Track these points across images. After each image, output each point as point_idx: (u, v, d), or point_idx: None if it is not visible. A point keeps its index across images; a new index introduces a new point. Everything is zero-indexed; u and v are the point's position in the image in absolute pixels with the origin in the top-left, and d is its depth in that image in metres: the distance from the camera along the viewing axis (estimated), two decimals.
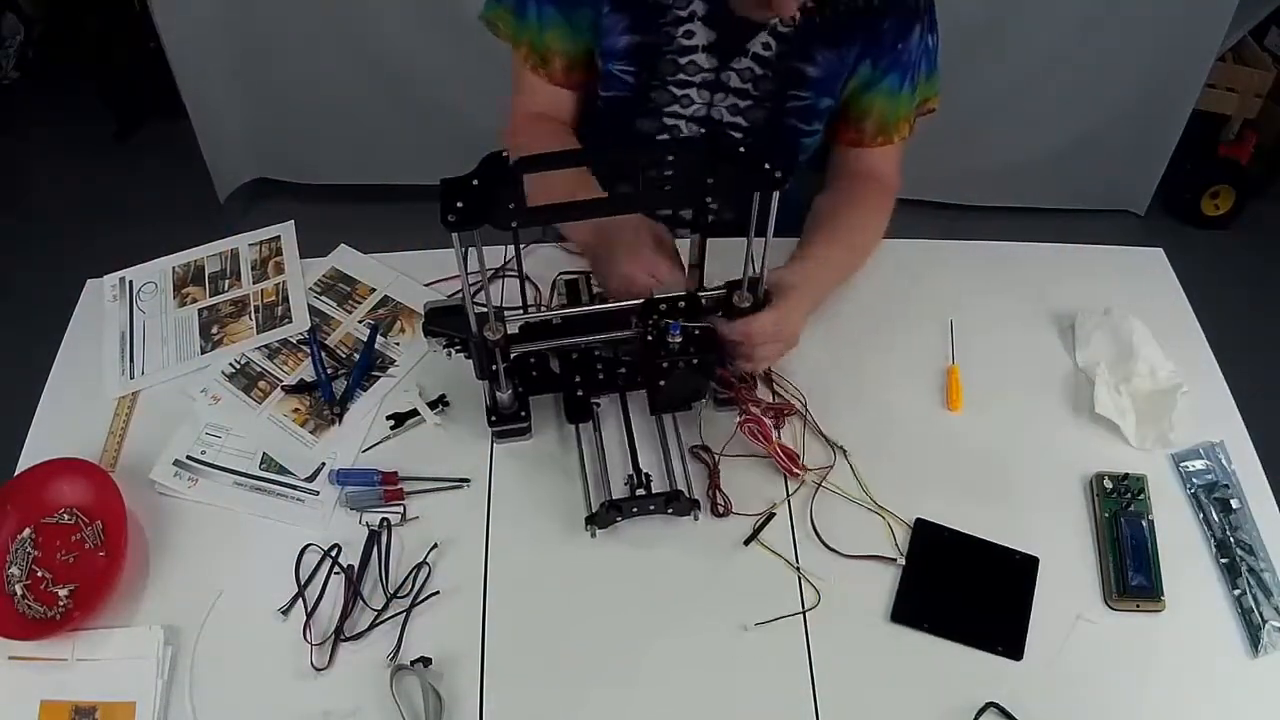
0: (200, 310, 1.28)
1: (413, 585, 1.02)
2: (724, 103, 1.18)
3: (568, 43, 1.16)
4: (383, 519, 1.07)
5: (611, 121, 1.23)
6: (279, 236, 1.36)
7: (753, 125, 1.20)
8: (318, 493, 1.12)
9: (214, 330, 1.25)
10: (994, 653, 0.99)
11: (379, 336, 1.24)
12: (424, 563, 1.04)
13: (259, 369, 1.21)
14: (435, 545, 1.05)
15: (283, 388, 1.19)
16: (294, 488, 1.12)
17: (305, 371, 1.21)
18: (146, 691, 0.96)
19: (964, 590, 1.03)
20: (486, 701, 0.96)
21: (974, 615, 1.01)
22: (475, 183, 0.88)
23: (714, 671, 0.98)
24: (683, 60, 1.15)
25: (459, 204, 0.87)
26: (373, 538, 1.06)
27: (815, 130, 1.22)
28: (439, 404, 1.17)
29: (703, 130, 1.21)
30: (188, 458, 1.14)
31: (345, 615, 1.01)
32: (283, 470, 1.13)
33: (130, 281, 1.32)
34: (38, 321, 1.36)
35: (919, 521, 1.07)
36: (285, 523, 1.08)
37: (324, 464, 1.13)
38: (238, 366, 1.21)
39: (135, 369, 1.22)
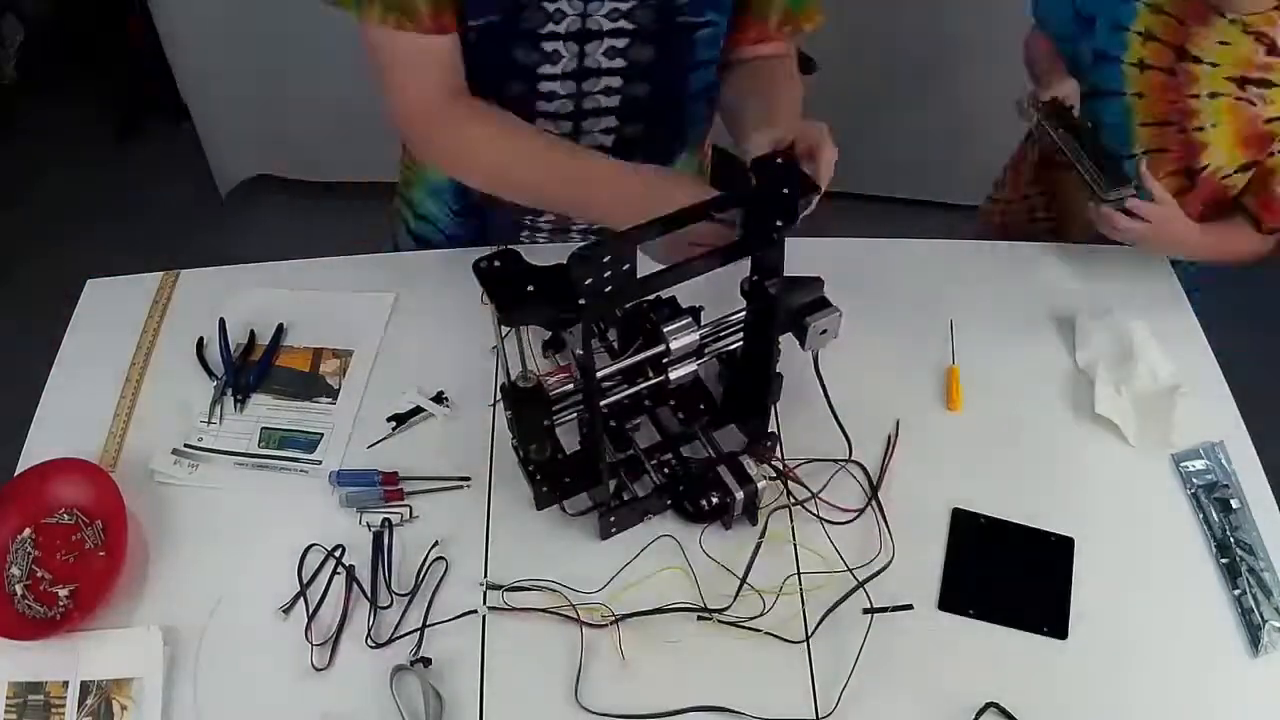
0: None
1: (414, 586, 1.02)
2: (600, 11, 1.07)
3: None
4: (384, 519, 1.07)
5: (485, 55, 1.10)
6: None
7: (640, 28, 1.09)
8: (320, 462, 1.13)
9: None
10: (1040, 633, 1.00)
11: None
12: (426, 564, 1.04)
13: None
14: (436, 543, 1.05)
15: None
16: (295, 460, 1.13)
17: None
18: (146, 692, 0.97)
19: (1005, 575, 1.05)
20: (486, 701, 0.96)
21: (1017, 598, 1.03)
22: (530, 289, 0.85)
23: (715, 657, 0.98)
24: None
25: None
26: (376, 539, 1.06)
27: (709, 21, 1.12)
28: (440, 400, 1.18)
29: (581, 46, 1.09)
30: (185, 445, 1.15)
31: (345, 615, 1.01)
32: (282, 444, 1.14)
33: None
34: (38, 321, 1.36)
35: (956, 511, 1.08)
36: (292, 494, 1.09)
37: (323, 434, 1.15)
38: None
39: None
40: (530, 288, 0.85)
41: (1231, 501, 1.09)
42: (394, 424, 1.16)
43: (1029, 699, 0.95)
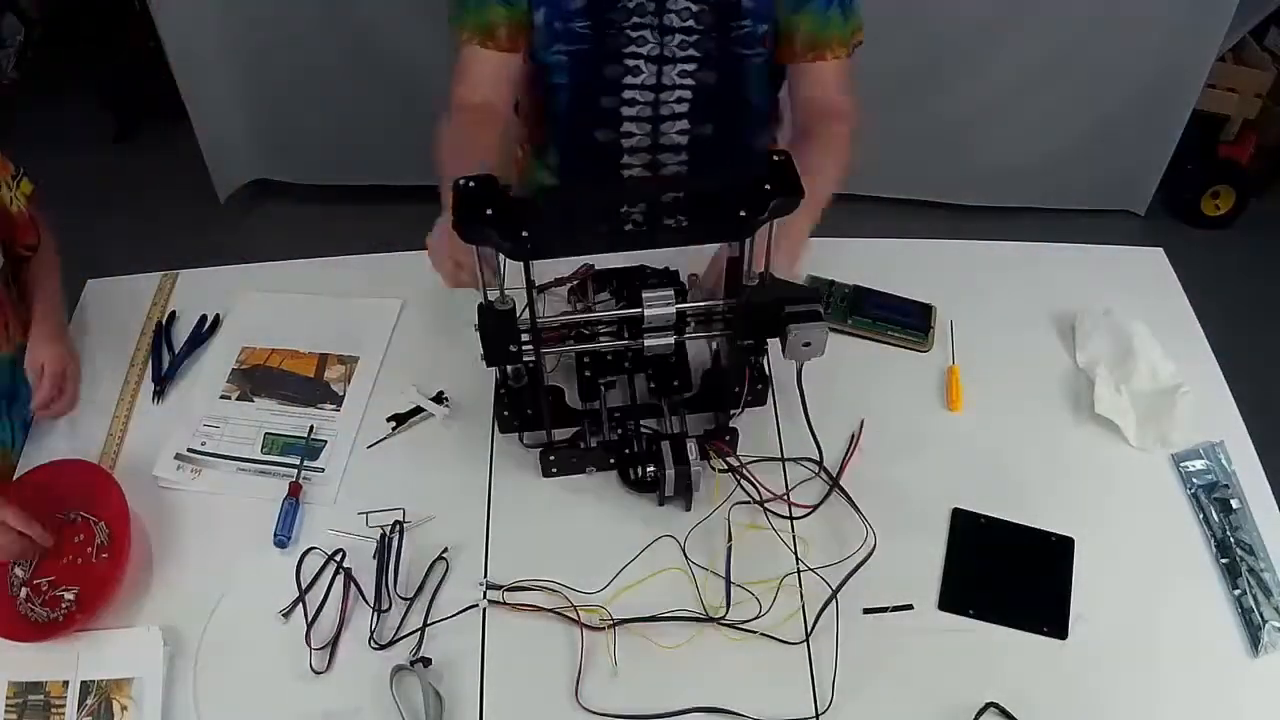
0: None
1: (417, 588, 1.03)
2: (673, 42, 1.28)
3: (506, 12, 1.25)
4: (395, 521, 1.07)
5: (577, 75, 1.32)
6: None
7: (705, 56, 1.29)
8: (323, 469, 1.13)
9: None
10: (1040, 633, 1.00)
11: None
12: (429, 567, 1.04)
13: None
14: (446, 549, 1.05)
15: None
16: (299, 467, 1.13)
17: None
18: (146, 692, 0.97)
19: (1005, 575, 1.05)
20: (486, 701, 0.96)
21: (1017, 598, 1.03)
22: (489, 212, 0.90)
23: (714, 658, 0.98)
24: (631, 4, 1.25)
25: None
26: (383, 541, 1.06)
27: (760, 53, 1.31)
28: (440, 400, 1.18)
29: (659, 70, 1.29)
30: (189, 450, 1.15)
31: (344, 619, 1.01)
32: (285, 450, 1.14)
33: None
34: None
35: (956, 511, 1.09)
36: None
37: (326, 441, 1.15)
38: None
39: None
40: (489, 212, 0.89)
41: (1231, 501, 1.09)
42: (394, 424, 1.16)
43: (1029, 699, 0.95)
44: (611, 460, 1.11)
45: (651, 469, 1.05)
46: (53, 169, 2.80)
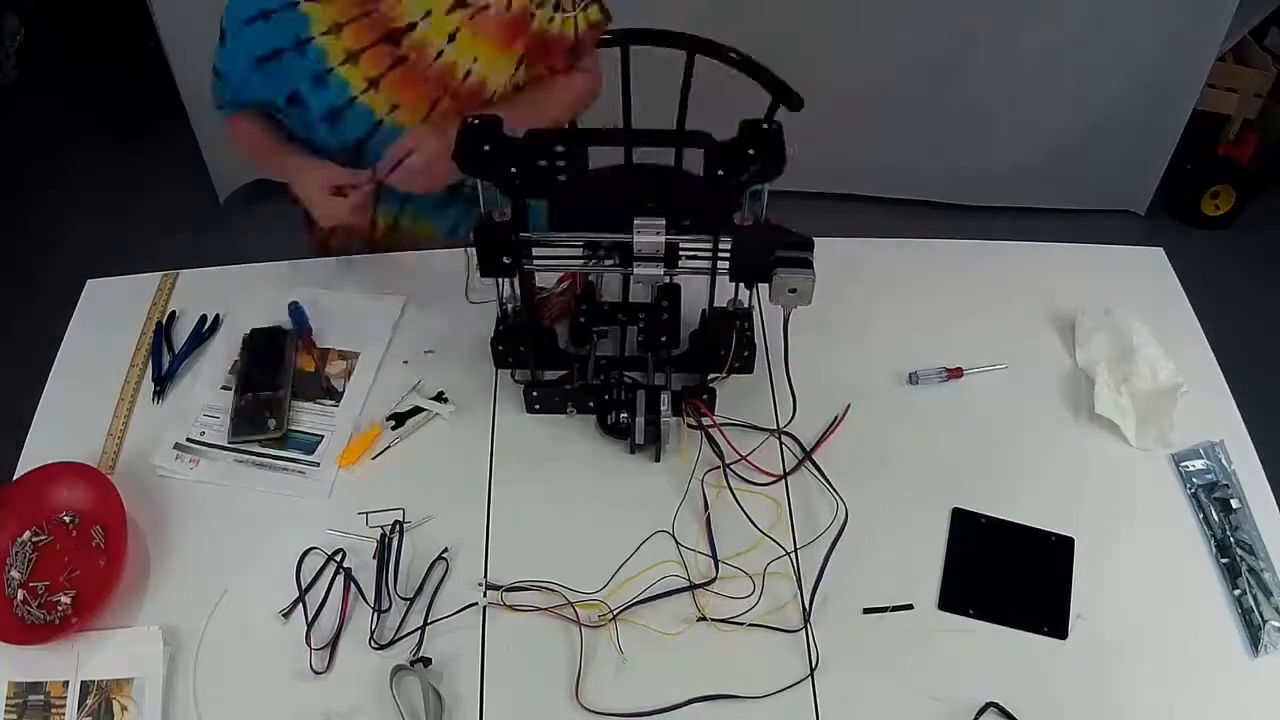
0: None
1: (417, 588, 1.03)
2: None
3: None
4: (395, 522, 1.07)
5: None
6: None
7: None
8: (318, 464, 1.13)
9: None
10: (1040, 633, 1.00)
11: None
12: (428, 567, 1.04)
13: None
14: (446, 549, 1.05)
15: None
16: (295, 460, 1.13)
17: None
18: (146, 692, 0.97)
19: (1005, 575, 1.05)
20: (486, 701, 0.96)
21: (1017, 598, 1.03)
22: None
23: (713, 659, 0.98)
24: None
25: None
26: (383, 541, 1.06)
27: None
28: (439, 399, 1.18)
29: None
30: (188, 440, 1.15)
31: (344, 619, 1.01)
32: (282, 444, 1.15)
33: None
34: (38, 321, 1.36)
35: (956, 510, 1.09)
36: (289, 494, 1.11)
37: (323, 436, 1.15)
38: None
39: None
40: (486, 148, 0.94)
41: (1231, 501, 1.09)
42: (394, 424, 1.16)
43: (1029, 699, 0.95)
44: (591, 404, 1.14)
45: (625, 416, 1.08)
46: (53, 169, 2.82)
